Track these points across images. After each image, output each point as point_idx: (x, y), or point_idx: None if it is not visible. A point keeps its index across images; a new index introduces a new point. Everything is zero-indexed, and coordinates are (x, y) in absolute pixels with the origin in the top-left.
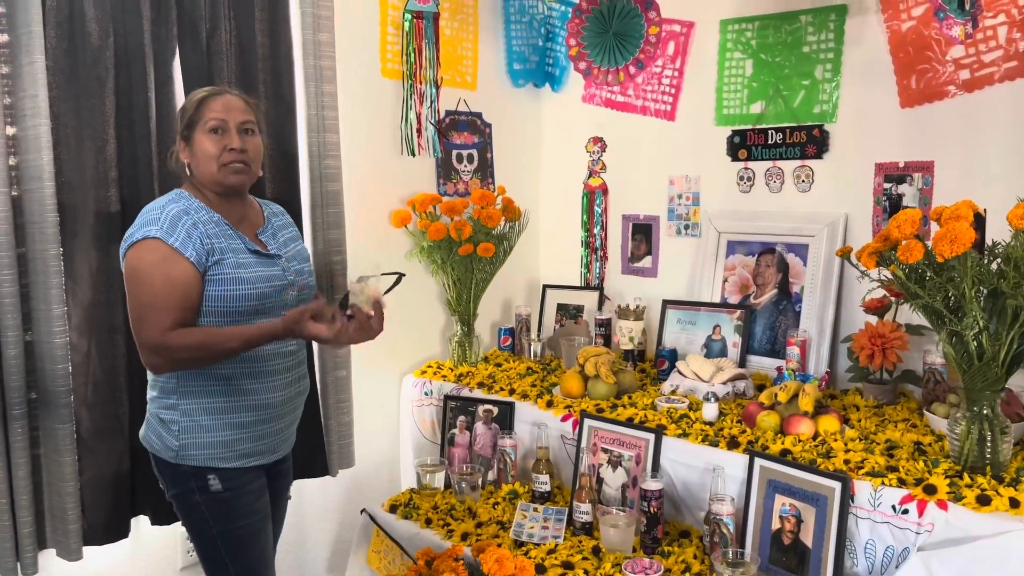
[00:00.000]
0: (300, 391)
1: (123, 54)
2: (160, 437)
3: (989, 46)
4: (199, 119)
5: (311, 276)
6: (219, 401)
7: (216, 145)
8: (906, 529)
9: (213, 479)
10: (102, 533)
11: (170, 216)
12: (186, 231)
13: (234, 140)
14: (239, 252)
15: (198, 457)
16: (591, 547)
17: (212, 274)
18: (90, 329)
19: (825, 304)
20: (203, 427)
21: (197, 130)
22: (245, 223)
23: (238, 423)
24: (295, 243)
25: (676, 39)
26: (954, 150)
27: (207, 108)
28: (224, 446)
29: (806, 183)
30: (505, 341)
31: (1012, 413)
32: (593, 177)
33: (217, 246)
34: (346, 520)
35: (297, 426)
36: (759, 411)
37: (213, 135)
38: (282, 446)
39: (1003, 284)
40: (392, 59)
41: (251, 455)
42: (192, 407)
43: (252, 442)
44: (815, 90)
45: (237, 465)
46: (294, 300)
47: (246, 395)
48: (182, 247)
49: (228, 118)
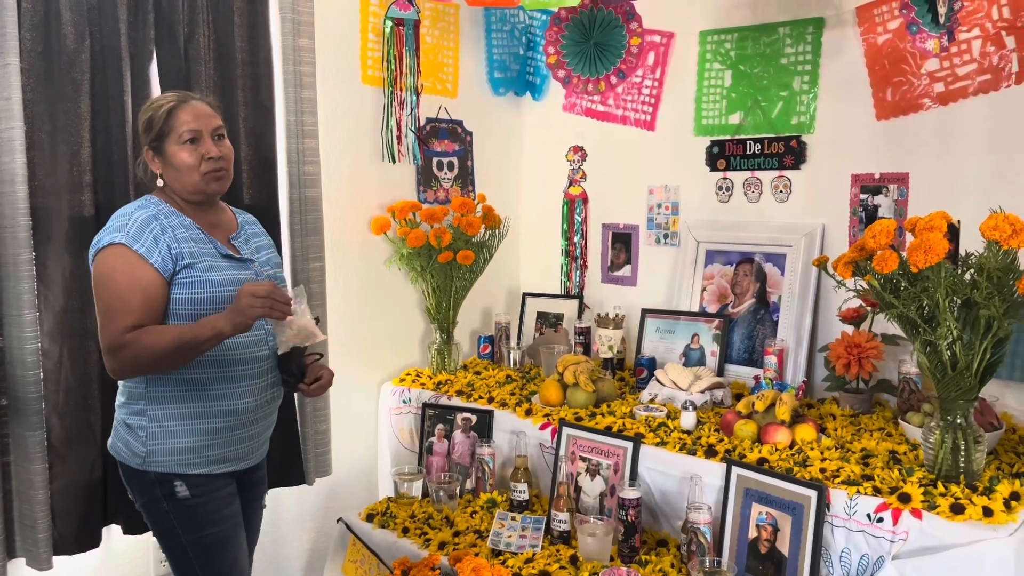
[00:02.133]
0: (273, 397)
1: (99, 57)
2: (127, 444)
3: (963, 59)
4: (170, 130)
5: (283, 283)
6: (189, 406)
7: (193, 156)
8: (881, 537)
9: (180, 485)
10: (73, 542)
11: (138, 222)
12: (153, 237)
13: (211, 149)
14: (210, 256)
15: (165, 463)
16: (569, 556)
17: (181, 278)
18: (62, 335)
19: (802, 314)
20: (171, 433)
21: (170, 142)
22: (218, 228)
23: (208, 429)
24: (267, 250)
25: (656, 49)
26: (929, 162)
27: (177, 119)
28: (192, 452)
29: (784, 193)
30: (485, 349)
31: (985, 423)
32: (573, 186)
33: (187, 250)
34: (322, 529)
35: (272, 433)
36: (736, 420)
37: (189, 145)
38: (254, 453)
39: (976, 294)
40: (373, 66)
41: (221, 461)
42: (160, 412)
43: (222, 448)
44: (793, 101)
45: (205, 471)
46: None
47: (217, 400)
48: (147, 253)
49: (201, 127)
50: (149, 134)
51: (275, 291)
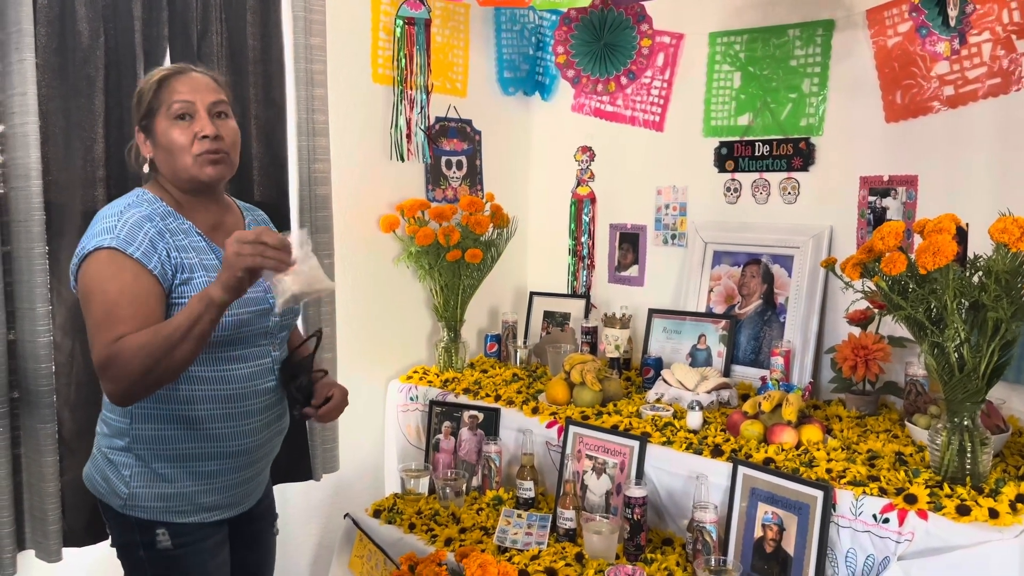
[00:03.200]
0: (279, 431)
1: (113, 54)
2: (107, 480)
3: (973, 63)
4: (160, 104)
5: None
6: (180, 447)
7: (185, 134)
8: (886, 538)
9: (163, 534)
10: (82, 535)
11: (129, 223)
12: (149, 240)
13: (206, 126)
14: (211, 270)
15: (149, 509)
16: (574, 554)
17: (178, 296)
18: (74, 329)
19: (809, 315)
20: (159, 476)
21: (159, 117)
22: (220, 231)
23: (202, 472)
24: None
25: (666, 50)
26: (938, 165)
27: (169, 90)
28: (181, 499)
29: (792, 195)
30: (491, 348)
31: (992, 425)
32: (581, 186)
33: (186, 262)
34: (329, 525)
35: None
36: (743, 420)
37: (180, 122)
38: (251, 495)
39: (984, 297)
40: (383, 64)
41: (213, 509)
42: (147, 452)
43: (217, 494)
44: (802, 103)
45: (195, 520)
46: (276, 326)
47: (214, 441)
48: (144, 258)
49: (195, 100)
50: (139, 110)
51: (266, 233)
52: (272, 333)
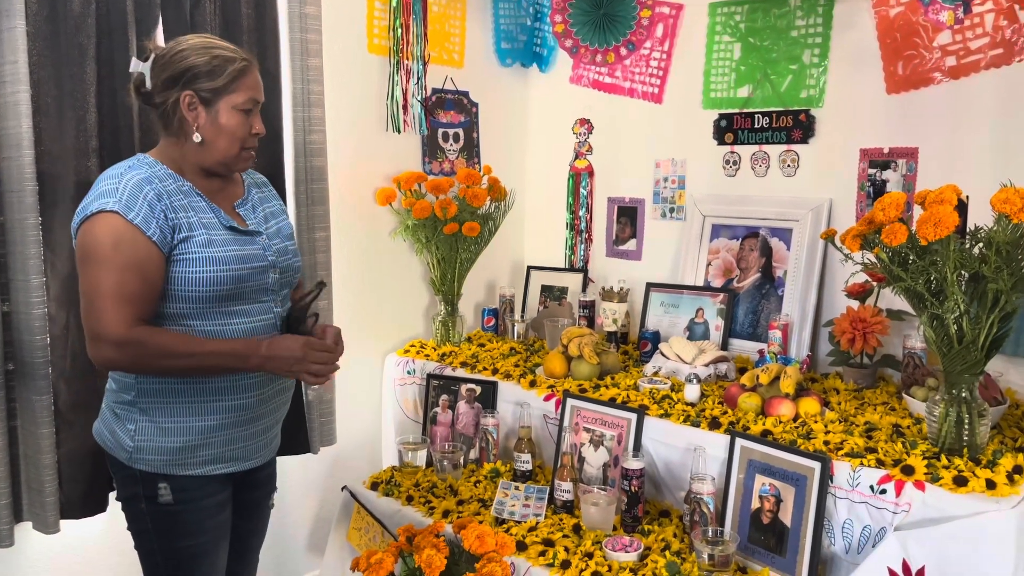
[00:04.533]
0: (282, 388)
1: (105, 22)
2: (113, 434)
3: (976, 33)
4: (229, 91)
5: (295, 256)
6: (184, 401)
7: (244, 126)
8: (883, 509)
9: (164, 489)
10: (79, 507)
11: (130, 186)
12: (148, 204)
13: (262, 127)
14: (211, 228)
15: (153, 462)
16: (572, 525)
17: (178, 253)
18: (69, 301)
19: (807, 289)
20: (163, 429)
21: (224, 101)
22: (221, 194)
23: (205, 426)
24: (277, 218)
25: (665, 21)
26: (938, 137)
27: (243, 82)
28: (185, 452)
29: (791, 168)
30: (488, 322)
31: (990, 397)
32: (579, 159)
33: (184, 221)
34: (326, 498)
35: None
36: (740, 393)
37: (243, 115)
38: (259, 452)
39: (984, 268)
40: (379, 34)
41: (217, 461)
42: (152, 406)
43: (220, 447)
44: (802, 75)
45: (198, 473)
46: (275, 283)
47: (217, 395)
48: (143, 224)
49: (260, 98)
50: (210, 80)
51: (329, 355)
52: (273, 290)
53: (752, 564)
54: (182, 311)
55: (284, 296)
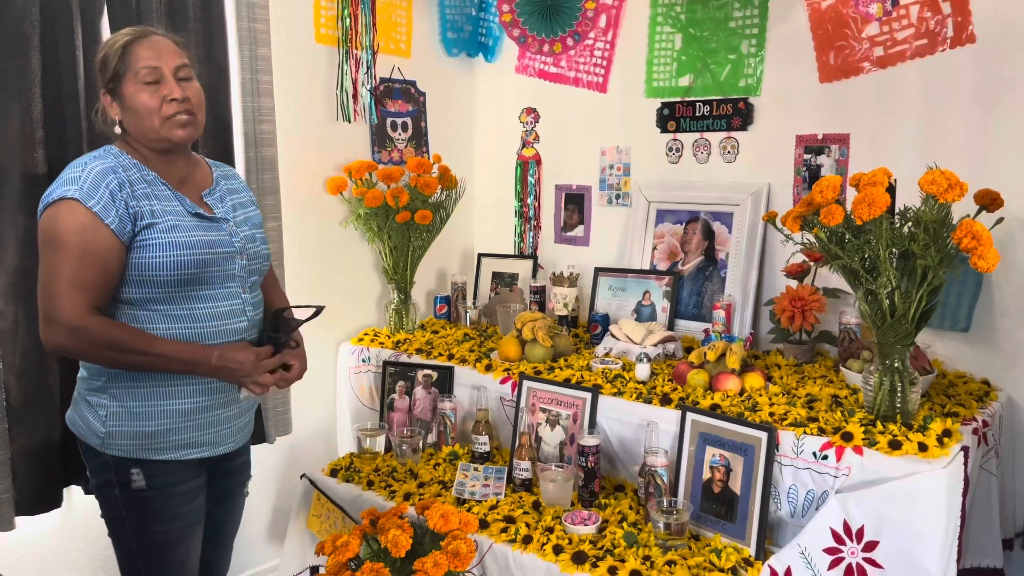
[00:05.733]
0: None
1: (48, 11)
2: (86, 421)
3: (902, 24)
4: (127, 69)
5: (264, 244)
6: (155, 386)
7: (154, 97)
8: (825, 474)
9: (137, 474)
10: (34, 503)
11: (93, 175)
12: (109, 192)
13: (174, 89)
14: (176, 214)
15: (125, 447)
16: (531, 502)
17: (141, 240)
18: (17, 296)
19: (749, 270)
20: (134, 414)
21: (127, 82)
22: (188, 184)
23: (177, 410)
24: (246, 208)
25: (608, 12)
26: (868, 123)
27: (134, 56)
28: (156, 436)
29: (731, 154)
30: (441, 309)
31: (919, 367)
32: (527, 148)
33: (147, 208)
34: (284, 488)
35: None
36: (689, 370)
37: (148, 87)
38: (232, 437)
39: (914, 246)
40: (327, 24)
41: (190, 446)
42: (123, 392)
43: (192, 431)
44: (741, 64)
45: (170, 457)
46: (243, 270)
47: (188, 379)
48: (103, 212)
49: (162, 64)
50: (105, 74)
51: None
52: (240, 276)
53: (704, 532)
54: (148, 295)
55: (253, 283)
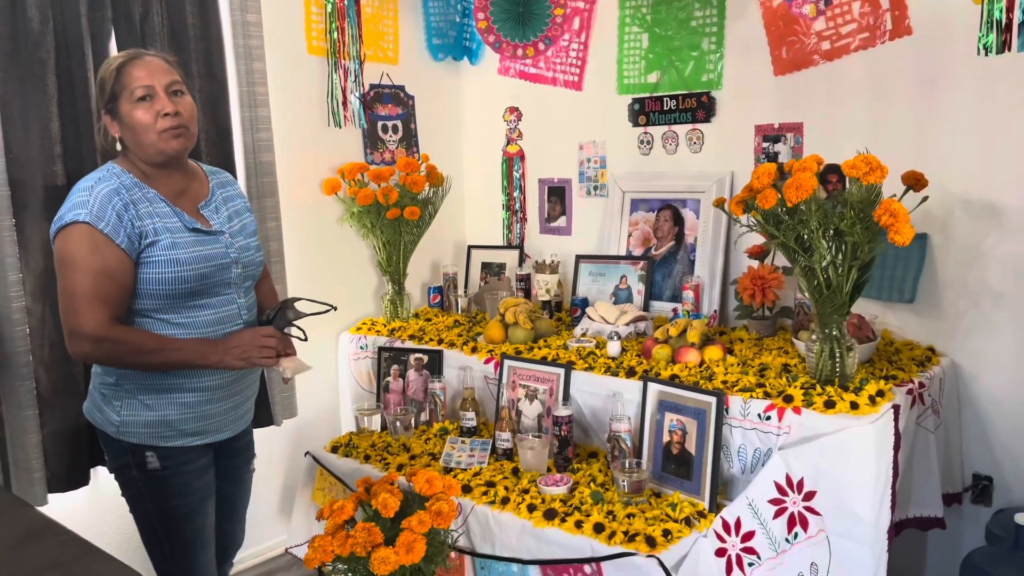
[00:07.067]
0: (249, 370)
1: (62, 38)
2: (102, 412)
3: (845, 19)
4: (122, 89)
5: (258, 252)
6: (161, 381)
7: (149, 113)
8: (769, 433)
9: (151, 456)
10: (64, 481)
11: (99, 198)
12: (116, 213)
13: (166, 104)
14: (174, 231)
15: (137, 435)
16: (511, 469)
17: (145, 256)
18: (43, 295)
19: (715, 253)
20: (144, 405)
21: (123, 101)
22: (185, 196)
23: (181, 403)
24: (241, 216)
25: (581, 15)
26: (819, 112)
27: (128, 76)
28: (165, 425)
29: (697, 145)
30: (434, 299)
31: (863, 336)
32: (511, 144)
33: (150, 227)
34: (292, 466)
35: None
36: (655, 345)
37: (142, 103)
38: (232, 424)
39: (842, 224)
40: (317, 37)
41: (196, 434)
42: (133, 386)
43: (197, 421)
44: (703, 61)
45: (178, 444)
46: (238, 277)
47: (189, 376)
48: (112, 233)
49: (154, 82)
50: (103, 95)
51: (276, 340)
52: (236, 283)
53: (665, 490)
54: (153, 306)
55: (247, 287)
